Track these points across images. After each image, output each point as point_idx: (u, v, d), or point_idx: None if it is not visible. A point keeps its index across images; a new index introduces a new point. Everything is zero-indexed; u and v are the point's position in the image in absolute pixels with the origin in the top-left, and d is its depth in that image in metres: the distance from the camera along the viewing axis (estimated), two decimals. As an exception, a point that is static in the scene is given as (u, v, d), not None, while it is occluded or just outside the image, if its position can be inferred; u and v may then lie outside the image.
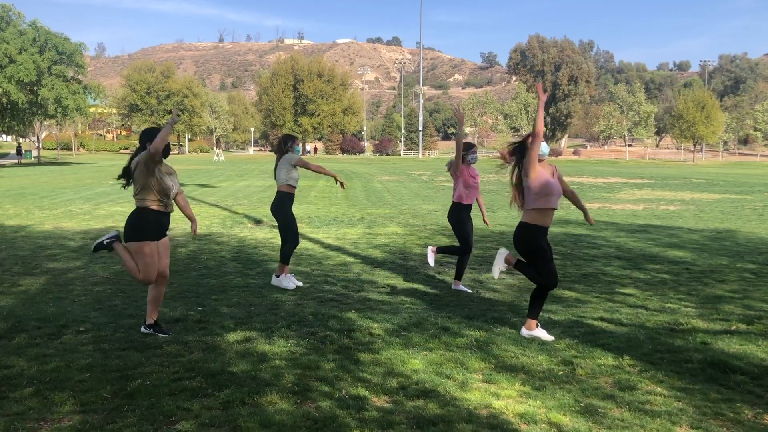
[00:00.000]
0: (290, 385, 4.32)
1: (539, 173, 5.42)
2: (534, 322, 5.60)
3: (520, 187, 5.64)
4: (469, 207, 7.52)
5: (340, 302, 6.89)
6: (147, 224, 5.34)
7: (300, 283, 7.74)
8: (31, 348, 5.08)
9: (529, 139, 5.48)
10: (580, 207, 5.97)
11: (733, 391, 4.36)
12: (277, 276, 7.65)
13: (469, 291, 7.58)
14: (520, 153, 5.62)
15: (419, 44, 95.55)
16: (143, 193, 5.32)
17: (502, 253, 5.74)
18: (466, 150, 7.42)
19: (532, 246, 5.53)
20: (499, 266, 5.72)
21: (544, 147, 5.46)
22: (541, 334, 5.55)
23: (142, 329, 5.54)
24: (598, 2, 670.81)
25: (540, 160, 5.49)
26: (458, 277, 7.70)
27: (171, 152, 5.61)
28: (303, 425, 3.71)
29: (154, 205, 5.34)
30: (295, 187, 7.69)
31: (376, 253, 10.27)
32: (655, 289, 7.76)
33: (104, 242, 5.50)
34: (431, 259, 7.61)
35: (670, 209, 18.67)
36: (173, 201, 5.53)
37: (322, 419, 3.79)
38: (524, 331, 5.62)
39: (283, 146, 7.71)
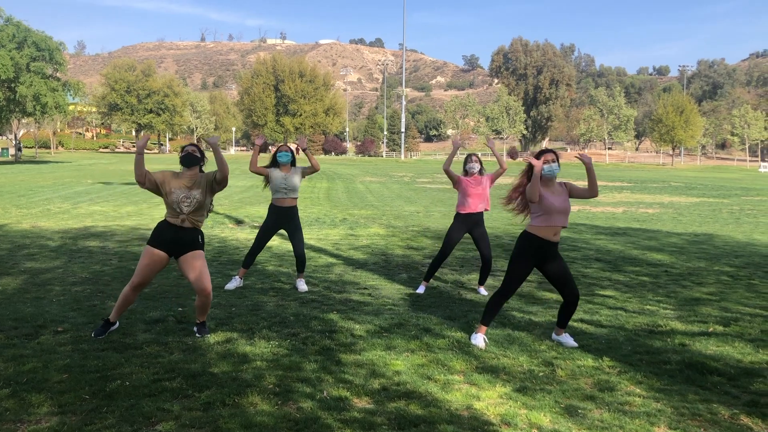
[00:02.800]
0: (272, 386, 4.31)
1: (541, 198, 5.34)
2: (484, 328, 5.56)
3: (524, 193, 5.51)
4: (465, 216, 7.49)
5: (322, 303, 6.88)
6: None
7: (236, 285, 7.64)
8: (7, 348, 5.01)
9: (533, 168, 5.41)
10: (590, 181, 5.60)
11: (711, 392, 4.42)
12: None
13: (420, 292, 7.62)
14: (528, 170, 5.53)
15: (402, 46, 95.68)
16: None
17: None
18: (465, 161, 7.56)
19: (514, 250, 5.55)
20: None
21: (550, 169, 5.37)
22: (478, 340, 5.49)
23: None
24: (579, 6, 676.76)
25: (549, 179, 5.43)
26: (426, 278, 7.80)
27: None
28: (284, 426, 3.70)
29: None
30: (277, 200, 7.57)
31: (358, 254, 10.27)
32: (634, 291, 7.84)
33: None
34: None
35: (649, 212, 18.88)
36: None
37: (303, 420, 3.78)
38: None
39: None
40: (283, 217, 7.56)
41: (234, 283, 7.61)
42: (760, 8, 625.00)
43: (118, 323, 5.61)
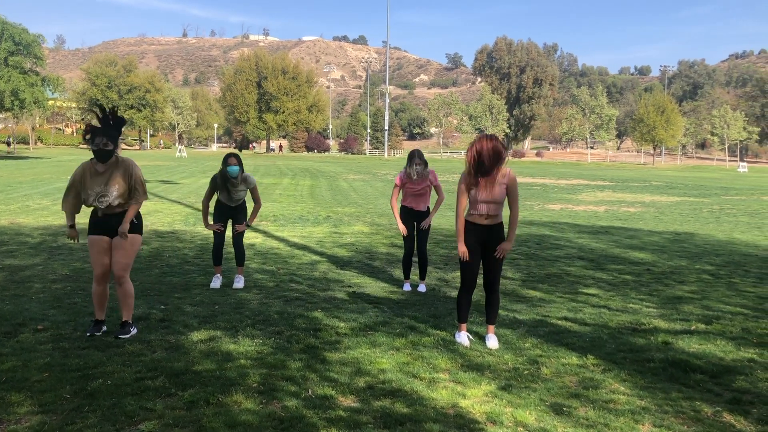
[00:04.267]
0: (256, 385, 4.27)
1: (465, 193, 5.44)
2: (462, 325, 5.61)
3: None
4: (409, 209, 7.67)
5: (306, 301, 6.84)
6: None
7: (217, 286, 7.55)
8: (-14, 347, 4.93)
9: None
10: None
11: (693, 390, 4.45)
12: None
13: (407, 290, 7.66)
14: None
15: (385, 43, 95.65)
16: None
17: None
18: (409, 161, 7.57)
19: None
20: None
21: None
22: (461, 338, 5.50)
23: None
24: (562, 7, 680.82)
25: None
26: (405, 276, 7.84)
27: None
28: (269, 425, 3.67)
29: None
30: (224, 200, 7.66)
31: (342, 252, 10.23)
32: (617, 290, 7.89)
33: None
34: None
35: (631, 211, 19.02)
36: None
37: (288, 419, 3.75)
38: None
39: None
40: (230, 211, 7.61)
41: (217, 281, 7.55)
42: (738, 11, 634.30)
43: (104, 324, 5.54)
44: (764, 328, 6.13)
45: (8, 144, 61.07)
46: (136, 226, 5.47)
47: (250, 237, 10.27)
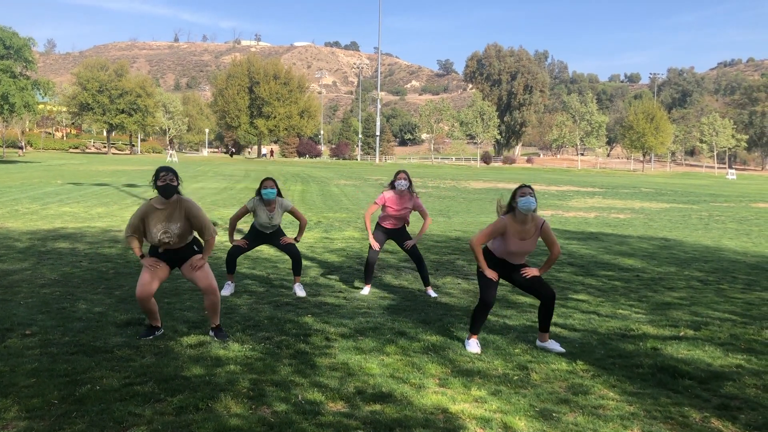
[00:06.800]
0: (245, 390, 4.26)
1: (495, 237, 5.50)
2: (474, 335, 5.58)
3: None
4: (386, 228, 7.77)
5: (297, 306, 6.83)
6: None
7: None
8: (-27, 352, 4.89)
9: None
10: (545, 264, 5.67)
11: (682, 396, 4.48)
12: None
13: (366, 293, 7.70)
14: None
15: (377, 50, 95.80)
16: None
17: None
18: (394, 177, 7.64)
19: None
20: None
21: (528, 202, 5.33)
22: (472, 346, 5.48)
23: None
24: (552, 13, 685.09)
25: (525, 215, 5.40)
26: (366, 281, 7.85)
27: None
28: (258, 431, 3.66)
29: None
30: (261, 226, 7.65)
31: (332, 258, 10.22)
32: (606, 296, 7.92)
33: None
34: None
35: (621, 217, 19.11)
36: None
37: (278, 424, 3.74)
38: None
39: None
40: (265, 237, 7.69)
41: (228, 289, 7.46)
42: (726, 18, 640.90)
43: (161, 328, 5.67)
44: (752, 334, 6.18)
45: (21, 148, 61.44)
46: (197, 251, 5.59)
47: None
